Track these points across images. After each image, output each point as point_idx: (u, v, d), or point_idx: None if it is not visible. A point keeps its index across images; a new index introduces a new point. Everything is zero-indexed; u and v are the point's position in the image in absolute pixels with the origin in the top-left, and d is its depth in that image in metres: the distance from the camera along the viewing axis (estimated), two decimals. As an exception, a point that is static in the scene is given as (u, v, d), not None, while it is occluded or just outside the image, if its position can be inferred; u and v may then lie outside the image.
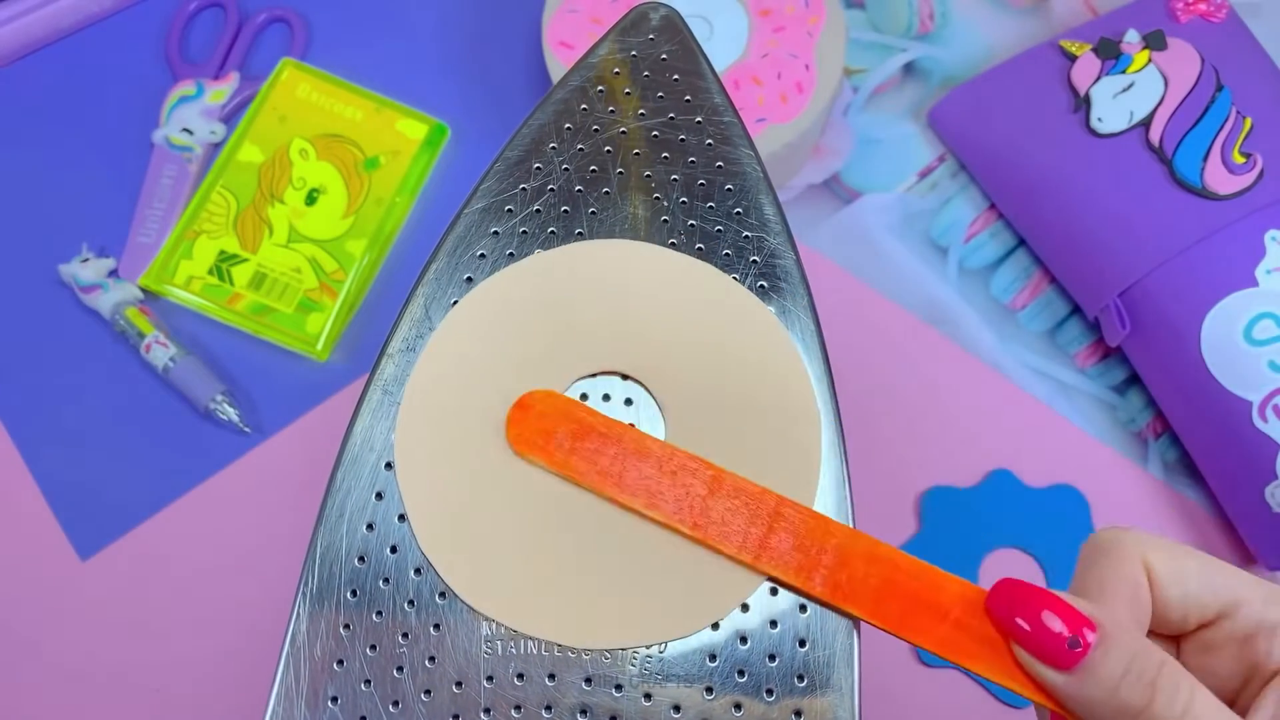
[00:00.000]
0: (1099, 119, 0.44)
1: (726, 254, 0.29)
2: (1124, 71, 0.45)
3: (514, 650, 0.26)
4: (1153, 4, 0.46)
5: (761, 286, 0.29)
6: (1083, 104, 0.45)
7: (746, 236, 0.30)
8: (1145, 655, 0.21)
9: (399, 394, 0.28)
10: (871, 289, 0.47)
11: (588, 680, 0.26)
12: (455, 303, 0.29)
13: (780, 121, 0.44)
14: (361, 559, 0.27)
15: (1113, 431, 0.45)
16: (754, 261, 0.29)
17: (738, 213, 0.30)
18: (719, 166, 0.30)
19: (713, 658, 0.26)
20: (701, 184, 0.30)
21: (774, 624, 0.26)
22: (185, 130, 0.48)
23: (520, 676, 0.26)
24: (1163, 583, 0.22)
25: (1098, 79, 0.45)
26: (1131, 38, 0.45)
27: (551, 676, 0.26)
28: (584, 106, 0.31)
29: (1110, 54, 0.45)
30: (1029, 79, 0.46)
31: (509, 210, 0.30)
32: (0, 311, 0.46)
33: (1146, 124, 0.44)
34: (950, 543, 0.43)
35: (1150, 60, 0.45)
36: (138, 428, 0.45)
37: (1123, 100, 0.44)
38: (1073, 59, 0.46)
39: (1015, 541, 0.43)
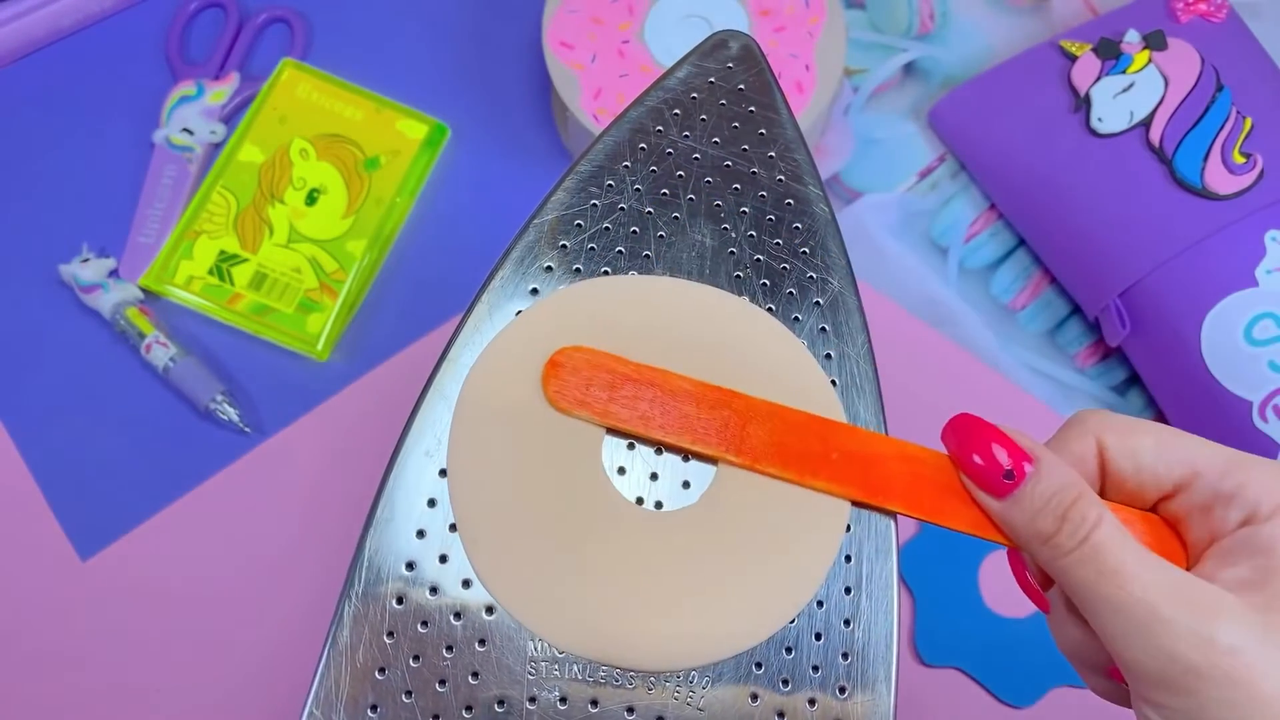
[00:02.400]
0: (1099, 119, 0.44)
1: (790, 292, 0.29)
2: (1124, 71, 0.45)
3: (558, 673, 0.26)
4: (1153, 4, 0.46)
5: (823, 329, 0.29)
6: (1083, 104, 0.45)
7: (811, 277, 0.29)
8: (1066, 489, 0.23)
9: (455, 399, 0.27)
10: (872, 289, 0.47)
11: (629, 710, 0.25)
12: (519, 313, 0.28)
13: (780, 121, 0.44)
14: (410, 566, 0.26)
15: (1113, 431, 0.45)
16: (817, 303, 0.29)
17: (804, 252, 0.30)
18: (788, 204, 0.30)
19: (759, 665, 0.26)
20: (770, 219, 0.30)
21: (819, 636, 0.26)
22: (185, 130, 0.48)
23: (563, 700, 0.25)
24: (1114, 457, 0.24)
25: (1098, 79, 0.45)
26: (1132, 38, 0.45)
27: (594, 703, 0.25)
28: (659, 128, 0.31)
29: (1110, 54, 0.45)
30: (1029, 79, 0.46)
31: (578, 225, 0.29)
32: (0, 311, 0.46)
33: (1147, 124, 0.44)
34: (950, 543, 0.43)
35: (1150, 60, 0.45)
36: (138, 428, 0.45)
37: (1123, 100, 0.44)
38: (1073, 59, 0.46)
39: (1015, 541, 0.43)
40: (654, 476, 0.27)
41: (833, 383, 0.29)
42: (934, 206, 0.48)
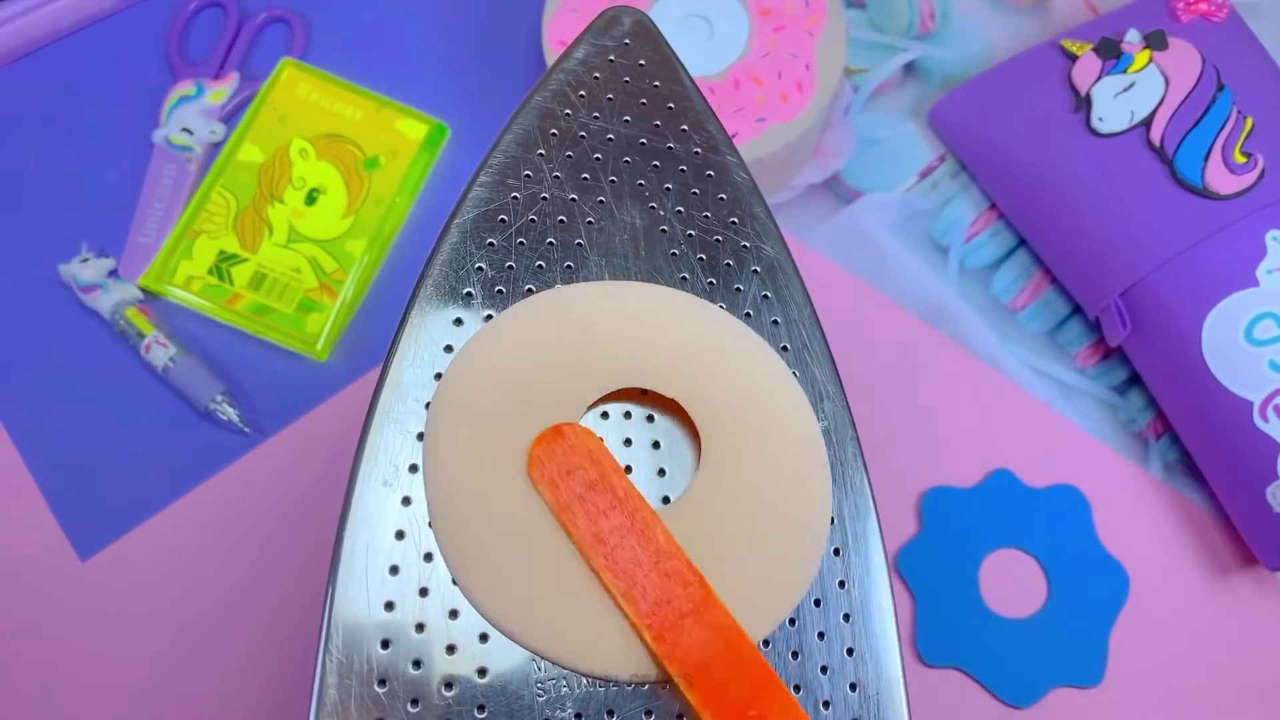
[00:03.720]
0: (1100, 119, 0.44)
1: (728, 264, 0.29)
2: (1125, 71, 0.45)
3: (567, 689, 0.24)
4: (1153, 3, 0.46)
5: (765, 296, 0.29)
6: (1083, 104, 0.45)
7: (745, 246, 0.29)
8: None
9: (406, 420, 0.26)
10: (872, 288, 0.47)
11: (648, 713, 0.25)
12: (455, 321, 0.28)
13: (781, 121, 0.44)
14: (389, 606, 0.25)
15: (1113, 431, 0.45)
16: (755, 271, 0.29)
17: (733, 222, 0.30)
18: (709, 176, 0.30)
19: (766, 643, 0.26)
20: (695, 193, 0.30)
21: (821, 635, 0.26)
22: (185, 130, 0.48)
23: (579, 717, 0.24)
24: None
25: (1098, 79, 0.45)
26: (1132, 37, 0.45)
27: (610, 713, 0.25)
28: (567, 111, 0.30)
29: (1111, 54, 0.45)
30: (1029, 79, 0.46)
31: (502, 220, 0.29)
32: (0, 311, 0.46)
33: (1147, 124, 0.44)
34: (950, 543, 0.43)
35: (1151, 60, 0.45)
36: (138, 428, 0.45)
37: (1123, 100, 0.44)
38: (1073, 59, 0.46)
39: (1015, 541, 0.43)
40: (628, 469, 0.27)
41: (783, 348, 0.28)
42: (934, 206, 0.48)
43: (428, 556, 0.25)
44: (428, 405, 0.27)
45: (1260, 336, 0.41)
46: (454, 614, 0.25)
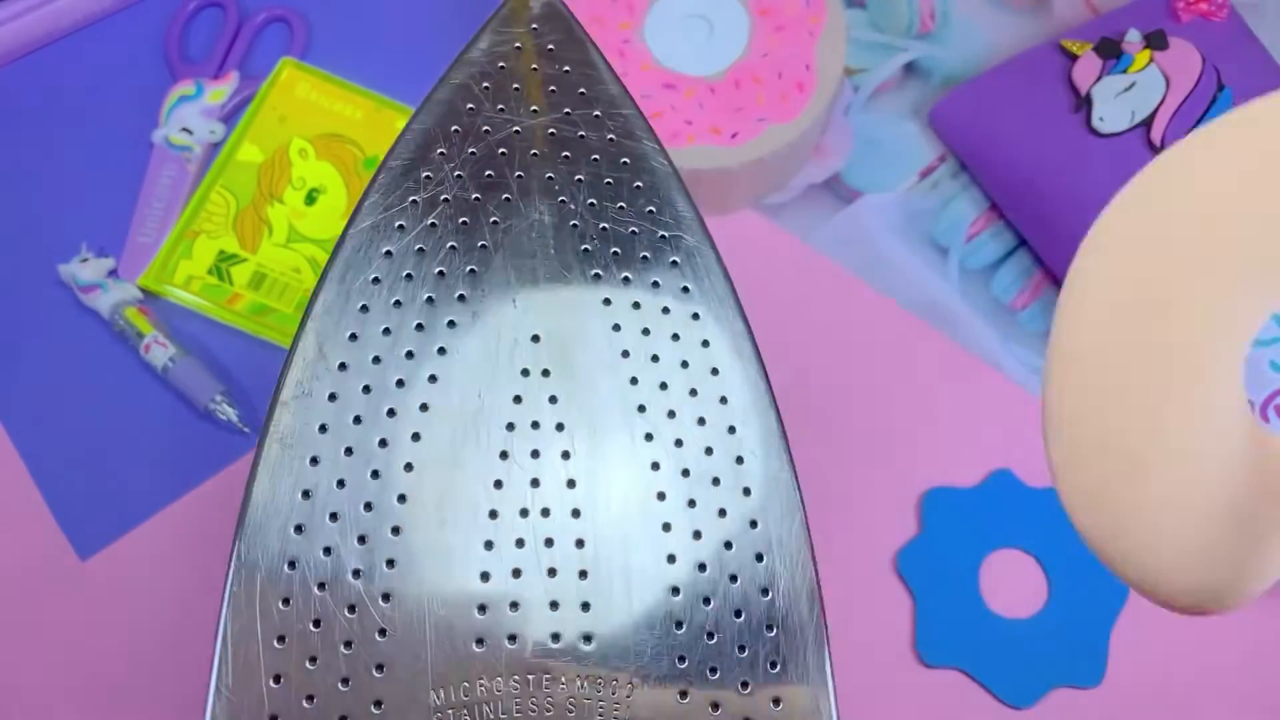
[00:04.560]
0: (1100, 118, 0.44)
1: (644, 256, 0.28)
2: (1125, 71, 0.45)
3: (468, 716, 0.25)
4: (1154, 3, 0.46)
5: (685, 289, 0.28)
6: (1084, 103, 0.45)
7: (663, 236, 0.28)
8: None
9: (299, 448, 0.26)
10: (872, 289, 0.47)
11: None
12: (350, 336, 0.27)
13: (781, 121, 0.44)
14: (281, 640, 0.25)
15: (1113, 432, 0.45)
16: (674, 262, 0.28)
17: (650, 211, 0.28)
18: (624, 163, 0.29)
19: (682, 659, 0.25)
20: (608, 183, 0.28)
21: (739, 613, 0.26)
22: (185, 130, 0.48)
23: None
24: None
25: (1099, 78, 0.45)
26: (1133, 37, 0.45)
27: None
28: (470, 106, 0.29)
29: (1111, 53, 0.45)
30: (1030, 79, 0.46)
31: (400, 227, 0.27)
32: (0, 311, 0.46)
33: (1148, 124, 0.44)
34: (951, 543, 0.43)
35: (1152, 60, 0.45)
36: (138, 428, 0.45)
37: (1124, 100, 0.44)
38: (1074, 58, 0.45)
39: (1016, 542, 0.43)
40: None
41: (704, 343, 0.27)
42: (935, 206, 0.48)
43: (321, 585, 0.26)
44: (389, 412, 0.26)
45: (1260, 336, 0.41)
46: (348, 644, 0.25)
